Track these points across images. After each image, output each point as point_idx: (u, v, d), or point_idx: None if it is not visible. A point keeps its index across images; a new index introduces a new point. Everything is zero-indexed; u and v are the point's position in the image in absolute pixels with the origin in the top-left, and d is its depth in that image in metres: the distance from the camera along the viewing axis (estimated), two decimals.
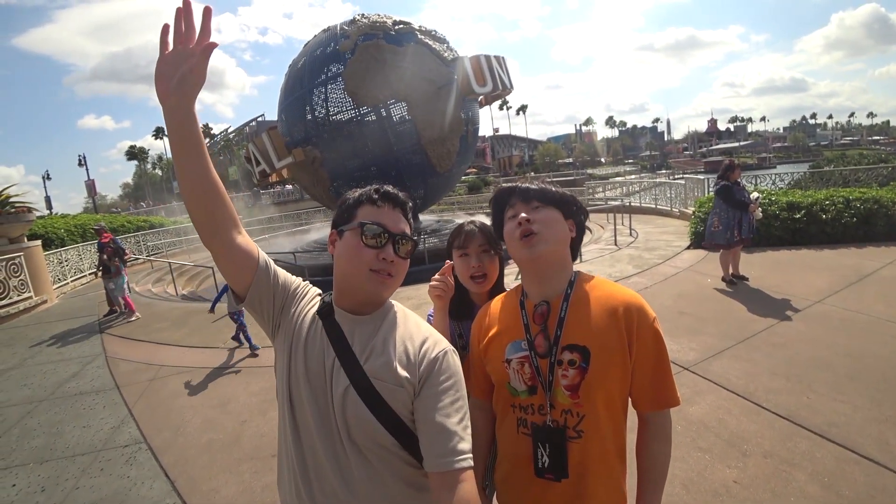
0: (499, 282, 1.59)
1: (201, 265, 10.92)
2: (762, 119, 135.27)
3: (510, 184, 1.25)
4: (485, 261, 1.51)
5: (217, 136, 74.72)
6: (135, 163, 72.76)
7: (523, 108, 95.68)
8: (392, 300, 1.14)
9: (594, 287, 1.16)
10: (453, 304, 1.54)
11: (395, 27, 11.30)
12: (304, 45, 12.63)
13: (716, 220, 5.94)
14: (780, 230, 7.43)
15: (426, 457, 0.93)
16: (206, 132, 76.07)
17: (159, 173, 72.42)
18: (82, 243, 12.78)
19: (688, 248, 8.03)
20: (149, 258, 13.70)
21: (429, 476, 0.93)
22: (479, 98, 12.26)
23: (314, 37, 12.56)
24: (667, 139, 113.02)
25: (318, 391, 1.01)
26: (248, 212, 28.23)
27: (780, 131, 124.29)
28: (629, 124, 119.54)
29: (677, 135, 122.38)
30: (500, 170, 65.30)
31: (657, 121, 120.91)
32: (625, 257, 7.91)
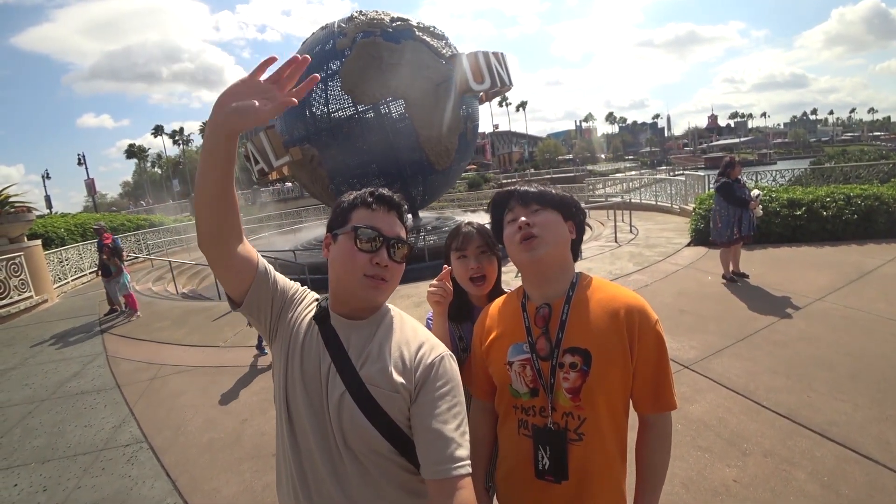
0: (497, 283, 1.59)
1: (202, 263, 10.91)
2: (763, 115, 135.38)
3: (508, 187, 1.25)
4: (483, 262, 1.51)
5: None
6: (134, 161, 72.72)
7: (523, 105, 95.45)
8: (389, 304, 1.14)
9: (596, 289, 1.16)
10: (452, 307, 1.54)
11: (393, 24, 11.25)
12: (303, 43, 12.60)
13: (717, 217, 5.94)
14: (781, 227, 7.41)
15: (423, 464, 0.92)
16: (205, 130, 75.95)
17: (159, 172, 72.32)
18: (82, 242, 12.77)
19: (688, 245, 8.02)
20: (149, 257, 13.70)
21: (426, 483, 0.92)
22: (478, 95, 12.21)
23: (312, 34, 12.52)
24: (667, 135, 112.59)
25: (314, 396, 1.01)
26: (247, 210, 28.19)
27: (781, 127, 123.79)
28: (629, 120, 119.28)
29: (677, 131, 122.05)
30: (500, 166, 65.22)
31: (657, 117, 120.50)
32: (625, 254, 7.90)
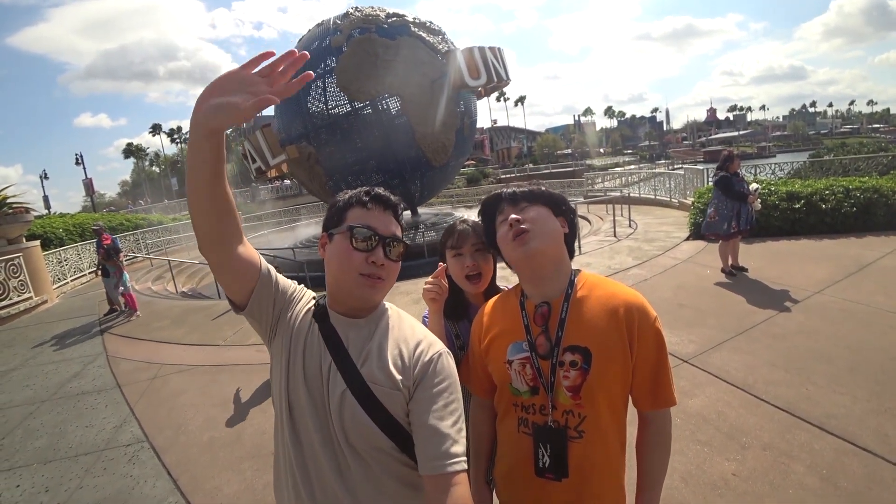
0: (492, 280, 1.59)
1: (201, 262, 10.91)
2: (762, 108, 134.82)
3: (494, 192, 1.26)
4: (479, 260, 1.51)
5: None
6: (132, 160, 72.55)
7: (521, 100, 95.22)
8: (387, 302, 1.14)
9: (595, 286, 1.16)
10: (448, 305, 1.54)
11: (389, 20, 11.20)
12: (299, 41, 12.56)
13: (713, 210, 5.93)
14: (780, 220, 7.41)
15: (420, 460, 0.93)
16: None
17: (157, 170, 72.14)
18: (81, 242, 12.76)
19: (687, 239, 8.03)
20: (148, 256, 13.70)
21: (423, 479, 0.93)
22: (475, 90, 12.17)
23: (308, 31, 12.48)
24: (666, 129, 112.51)
25: (315, 395, 1.01)
26: (246, 207, 28.13)
27: (780, 120, 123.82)
28: (628, 114, 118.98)
29: (676, 124, 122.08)
30: (498, 161, 65.15)
31: (656, 111, 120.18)
32: (624, 249, 7.90)
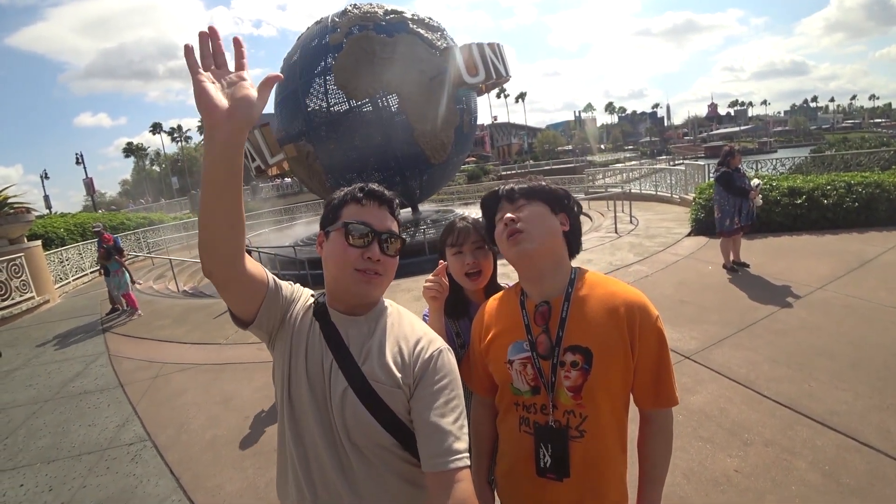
0: (493, 277, 1.59)
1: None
2: (763, 103, 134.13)
3: (494, 188, 1.25)
4: (479, 257, 1.51)
5: None
6: (132, 160, 72.57)
7: (522, 96, 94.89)
8: (387, 299, 1.14)
9: (595, 285, 1.15)
10: (449, 303, 1.54)
11: (387, 17, 11.14)
12: (298, 38, 12.52)
13: (716, 207, 5.92)
14: (781, 216, 7.39)
15: (422, 457, 0.93)
16: (203, 127, 75.70)
17: (157, 169, 72.15)
18: (83, 242, 12.77)
19: (688, 235, 8.01)
20: (149, 255, 13.71)
21: (425, 476, 0.93)
22: (475, 87, 12.12)
23: (307, 29, 12.44)
24: (667, 125, 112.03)
25: (317, 393, 1.01)
26: (247, 206, 28.11)
27: (781, 115, 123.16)
28: (628, 110, 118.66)
29: (677, 120, 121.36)
30: (499, 158, 65.06)
31: (657, 106, 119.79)
32: (625, 245, 7.89)
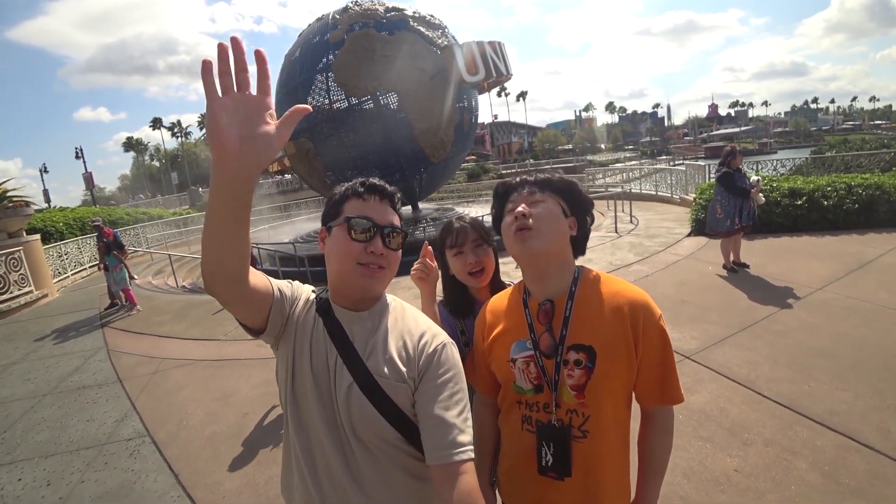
0: (496, 274, 1.58)
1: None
2: (763, 103, 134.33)
3: (513, 177, 1.22)
4: (480, 255, 1.51)
5: None
6: (132, 155, 72.49)
7: (522, 95, 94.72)
8: (389, 294, 1.13)
9: (599, 284, 1.14)
10: (454, 303, 1.54)
11: (388, 14, 11.10)
12: (299, 35, 12.49)
13: (718, 207, 5.92)
14: (782, 217, 7.39)
15: (427, 450, 0.94)
16: (203, 123, 75.61)
17: (156, 165, 72.04)
18: (82, 236, 12.75)
19: (689, 235, 8.01)
20: (148, 250, 13.69)
21: (430, 469, 0.93)
22: (475, 86, 12.09)
23: (308, 26, 12.41)
24: (667, 125, 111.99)
25: (323, 389, 1.01)
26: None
27: (782, 116, 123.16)
28: (629, 110, 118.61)
29: (678, 120, 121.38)
30: (499, 157, 65.07)
31: (657, 106, 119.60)
32: (626, 245, 7.89)
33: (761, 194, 5.80)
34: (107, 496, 2.94)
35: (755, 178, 5.86)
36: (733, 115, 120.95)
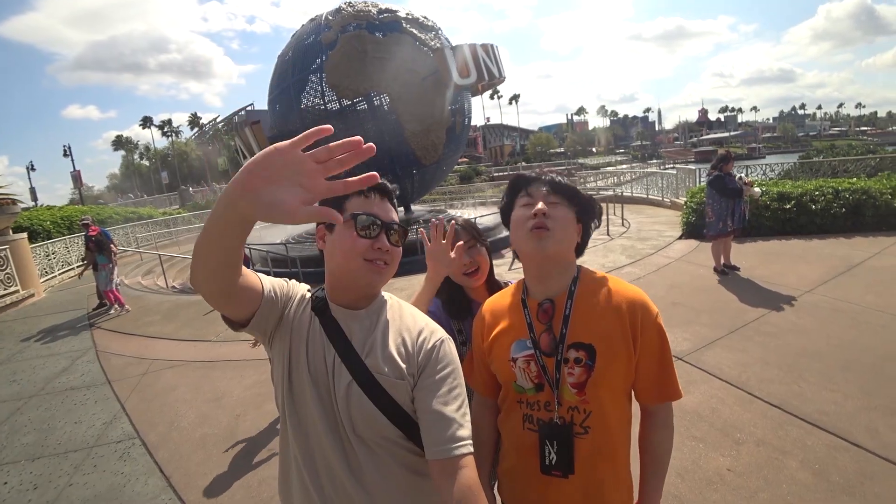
0: (491, 272, 1.60)
1: (191, 257, 10.77)
2: (752, 109, 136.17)
3: (534, 171, 1.22)
4: (474, 255, 1.53)
5: (205, 125, 73.64)
6: (121, 154, 71.65)
7: (515, 98, 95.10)
8: (385, 292, 1.14)
9: (597, 284, 1.16)
10: (451, 304, 1.54)
11: (380, 16, 11.09)
12: (293, 36, 12.45)
13: (709, 210, 5.98)
14: (771, 220, 7.50)
15: (426, 445, 0.94)
16: (194, 122, 74.99)
17: (146, 164, 71.27)
18: (69, 236, 12.56)
19: (680, 238, 8.09)
20: (138, 250, 13.53)
21: (429, 464, 0.93)
22: (467, 88, 12.10)
23: (301, 26, 12.38)
24: (658, 129, 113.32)
25: (321, 388, 1.01)
26: None
27: (770, 121, 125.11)
28: (620, 114, 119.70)
29: (668, 124, 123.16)
30: (491, 159, 65.23)
31: (648, 111, 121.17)
32: (617, 247, 7.95)
33: (757, 188, 5.88)
34: (96, 499, 2.89)
35: (739, 176, 5.95)
36: (723, 120, 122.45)
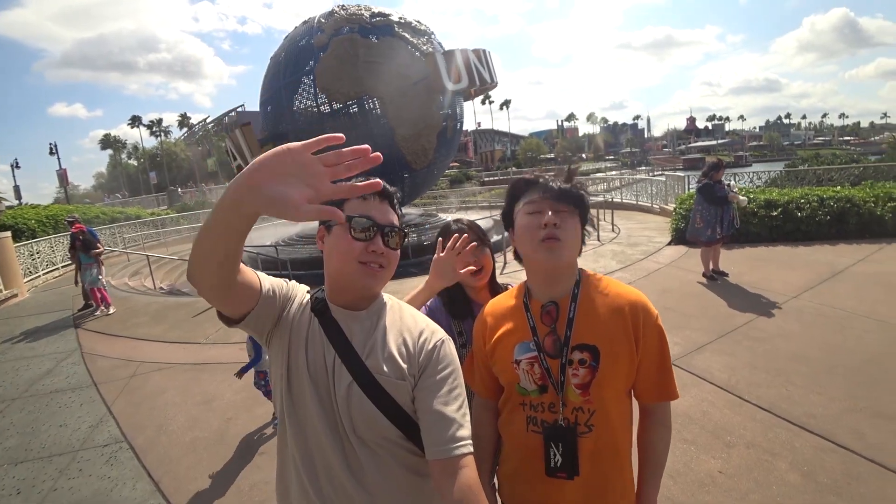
0: (493, 274, 1.61)
1: (180, 257, 10.68)
2: (739, 118, 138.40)
3: (536, 175, 1.19)
4: (479, 256, 1.53)
5: (195, 125, 72.89)
6: (108, 153, 70.56)
7: (506, 104, 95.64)
8: (385, 293, 1.14)
9: (599, 286, 1.17)
10: (454, 304, 1.55)
11: (372, 20, 11.08)
12: (285, 38, 12.42)
13: (698, 217, 6.07)
14: (759, 227, 7.63)
15: (426, 445, 0.95)
16: (184, 122, 74.19)
17: (134, 164, 70.30)
18: (54, 235, 12.33)
19: (669, 244, 8.19)
20: (125, 250, 13.34)
21: (430, 464, 0.93)
22: (461, 93, 12.14)
23: (294, 28, 12.35)
24: (647, 136, 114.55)
25: (321, 389, 1.01)
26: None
27: (756, 130, 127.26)
28: (610, 121, 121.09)
29: (657, 132, 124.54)
30: (482, 164, 65.50)
31: (637, 118, 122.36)
32: (608, 253, 8.02)
33: (742, 197, 5.99)
34: None
35: (729, 183, 6.08)
36: (710, 128, 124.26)
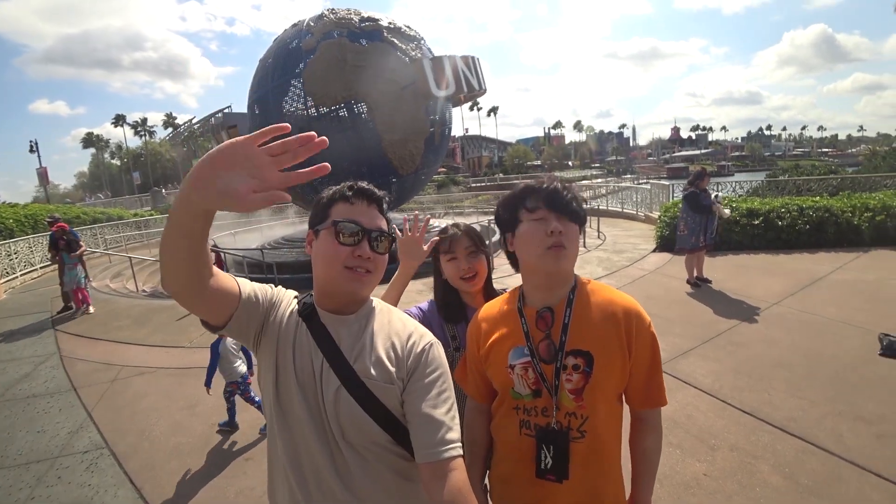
0: (488, 279, 1.62)
1: None
2: (722, 128, 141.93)
3: (543, 184, 1.18)
4: (473, 261, 1.54)
5: (181, 126, 71.87)
6: (91, 152, 69.17)
7: (494, 110, 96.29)
8: (374, 298, 1.14)
9: (594, 292, 1.19)
10: (448, 308, 1.55)
11: (362, 24, 11.09)
12: (274, 40, 12.36)
13: (682, 224, 6.19)
14: (741, 235, 7.81)
15: (416, 448, 0.95)
16: (169, 122, 73.11)
17: (117, 164, 68.99)
18: (33, 235, 12.03)
19: (654, 251, 8.32)
20: (106, 252, 13.06)
21: (419, 467, 0.93)
22: (448, 99, 12.18)
23: (284, 31, 12.30)
24: (632, 145, 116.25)
25: (309, 393, 1.00)
26: None
27: (739, 141, 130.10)
28: (596, 129, 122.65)
29: (642, 141, 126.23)
30: (469, 170, 65.73)
31: (623, 127, 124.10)
32: (594, 259, 8.10)
33: (726, 209, 6.13)
34: None
35: (715, 195, 6.22)
36: (694, 138, 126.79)
